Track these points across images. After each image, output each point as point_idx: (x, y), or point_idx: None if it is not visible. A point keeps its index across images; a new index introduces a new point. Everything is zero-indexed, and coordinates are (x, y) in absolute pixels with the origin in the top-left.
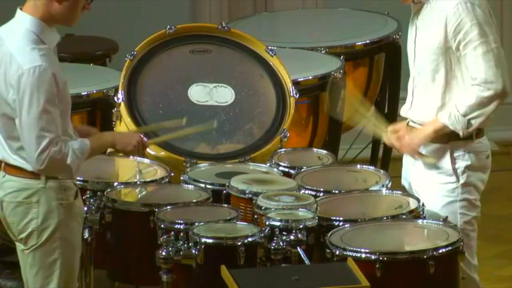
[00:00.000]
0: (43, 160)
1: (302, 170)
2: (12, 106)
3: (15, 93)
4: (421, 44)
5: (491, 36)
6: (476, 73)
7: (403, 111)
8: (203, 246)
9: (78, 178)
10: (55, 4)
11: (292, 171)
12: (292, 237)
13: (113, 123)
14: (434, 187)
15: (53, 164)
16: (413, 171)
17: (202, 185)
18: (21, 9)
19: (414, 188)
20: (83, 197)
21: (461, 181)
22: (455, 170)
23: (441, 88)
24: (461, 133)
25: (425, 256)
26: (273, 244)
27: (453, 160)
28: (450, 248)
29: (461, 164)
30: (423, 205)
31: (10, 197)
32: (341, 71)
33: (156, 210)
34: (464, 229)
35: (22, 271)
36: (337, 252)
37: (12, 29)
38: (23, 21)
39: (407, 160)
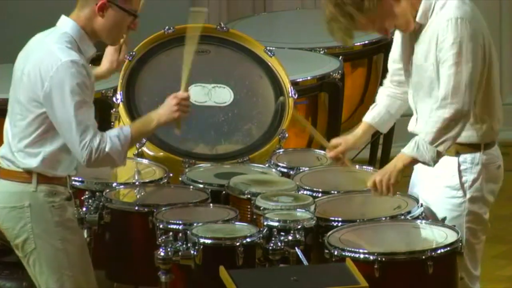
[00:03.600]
0: (90, 151)
1: (301, 170)
2: (42, 100)
3: (52, 85)
4: (417, 62)
5: (470, 56)
6: (444, 92)
7: (411, 126)
8: (201, 247)
9: (77, 178)
10: (98, 18)
11: (291, 172)
12: (290, 238)
13: (112, 123)
14: (441, 201)
15: (93, 155)
16: (420, 184)
17: (201, 185)
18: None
19: (422, 199)
20: (82, 198)
21: (468, 195)
22: (462, 185)
23: None
24: (431, 164)
25: (423, 257)
26: (271, 245)
27: (460, 174)
28: (448, 248)
29: (468, 177)
30: (421, 205)
31: (2, 202)
32: (340, 71)
33: (155, 210)
34: (469, 242)
35: (33, 278)
36: (336, 253)
37: (51, 32)
38: (64, 25)
39: (415, 173)
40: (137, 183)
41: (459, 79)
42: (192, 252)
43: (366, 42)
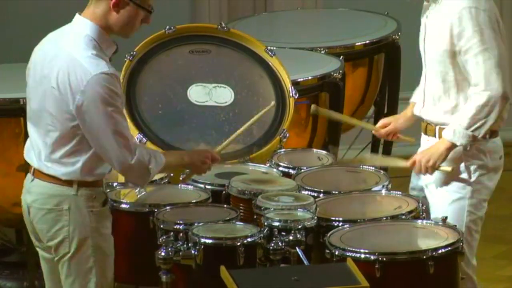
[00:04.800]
0: (130, 159)
1: (302, 170)
2: (75, 113)
3: (84, 99)
4: (430, 44)
5: (493, 42)
6: (476, 79)
7: (417, 110)
8: (202, 247)
9: None
10: (113, 14)
11: (292, 172)
12: (291, 238)
13: None
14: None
15: (138, 166)
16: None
17: (202, 185)
18: (79, 14)
19: (424, 184)
20: None
21: (473, 179)
22: (467, 168)
23: (452, 89)
24: (468, 148)
25: (424, 257)
26: (272, 245)
27: (466, 158)
28: (449, 248)
29: (473, 162)
30: (422, 205)
31: (39, 204)
32: (341, 71)
33: (156, 210)
34: (469, 227)
35: (48, 279)
36: (337, 253)
37: (70, 34)
38: (83, 27)
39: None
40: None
41: (488, 66)
42: (193, 252)
43: (367, 41)
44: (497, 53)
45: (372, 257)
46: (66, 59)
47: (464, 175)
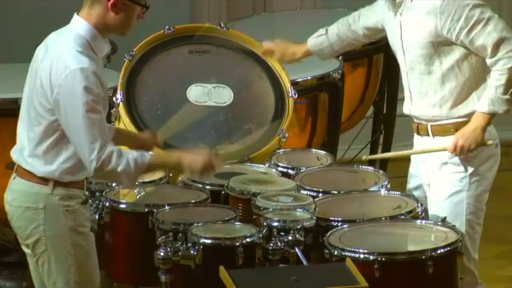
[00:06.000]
0: (97, 162)
1: (302, 170)
2: (53, 107)
3: (60, 93)
4: (410, 40)
5: (488, 13)
6: (491, 48)
7: (406, 108)
8: (201, 247)
9: None
10: (111, 14)
11: (291, 172)
12: (290, 238)
13: (112, 123)
14: (444, 177)
15: (104, 168)
16: (423, 166)
17: (201, 185)
18: (77, 14)
19: (424, 182)
20: None
21: (469, 171)
22: (462, 160)
23: (439, 81)
24: (506, 112)
25: (423, 257)
26: (271, 245)
27: None
28: (448, 248)
29: (468, 154)
30: (421, 205)
31: (18, 202)
32: (340, 71)
33: (155, 210)
34: (469, 220)
35: (35, 278)
36: (336, 253)
37: (63, 33)
38: (76, 26)
39: (416, 157)
40: (137, 183)
41: (498, 31)
42: (192, 252)
43: (367, 42)
44: (496, 17)
45: (371, 257)
46: (52, 55)
47: (460, 168)
